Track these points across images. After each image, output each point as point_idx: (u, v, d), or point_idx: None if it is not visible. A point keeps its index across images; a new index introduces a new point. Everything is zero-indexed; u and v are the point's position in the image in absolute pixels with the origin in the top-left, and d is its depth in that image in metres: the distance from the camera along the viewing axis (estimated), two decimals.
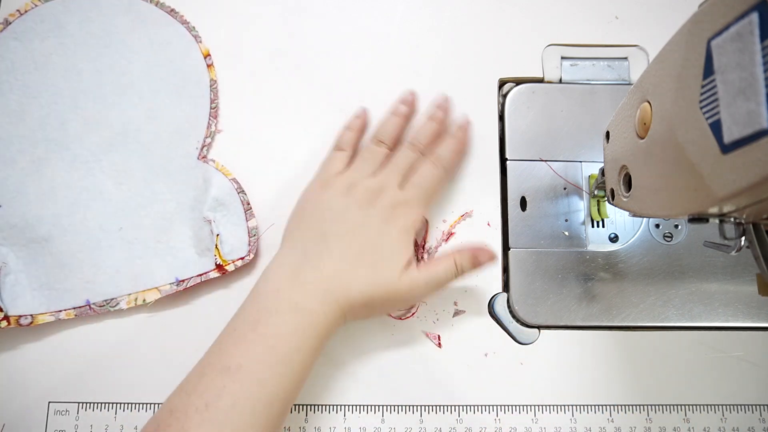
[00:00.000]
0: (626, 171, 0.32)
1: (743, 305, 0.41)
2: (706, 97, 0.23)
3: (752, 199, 0.22)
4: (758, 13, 0.20)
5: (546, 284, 0.41)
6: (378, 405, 0.39)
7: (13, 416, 0.38)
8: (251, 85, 0.45)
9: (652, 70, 0.28)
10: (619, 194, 0.33)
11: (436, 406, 0.39)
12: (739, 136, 0.21)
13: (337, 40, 0.46)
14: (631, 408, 0.39)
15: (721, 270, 0.42)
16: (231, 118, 0.44)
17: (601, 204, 0.42)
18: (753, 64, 0.20)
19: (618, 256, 0.42)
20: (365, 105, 0.43)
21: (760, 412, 0.39)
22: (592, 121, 0.44)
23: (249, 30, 0.46)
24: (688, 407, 0.39)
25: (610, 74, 0.45)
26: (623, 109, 0.32)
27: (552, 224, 0.43)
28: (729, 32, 0.21)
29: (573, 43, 0.45)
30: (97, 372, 0.39)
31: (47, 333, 0.40)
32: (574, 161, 0.43)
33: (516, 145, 0.44)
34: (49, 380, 0.39)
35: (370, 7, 0.46)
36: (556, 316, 0.41)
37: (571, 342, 0.41)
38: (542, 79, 0.45)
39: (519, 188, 0.43)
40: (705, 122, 0.23)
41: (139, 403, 0.39)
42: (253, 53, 0.45)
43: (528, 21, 0.46)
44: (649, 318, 0.41)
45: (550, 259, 0.42)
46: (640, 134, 0.29)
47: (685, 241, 0.42)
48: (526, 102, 0.44)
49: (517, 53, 0.45)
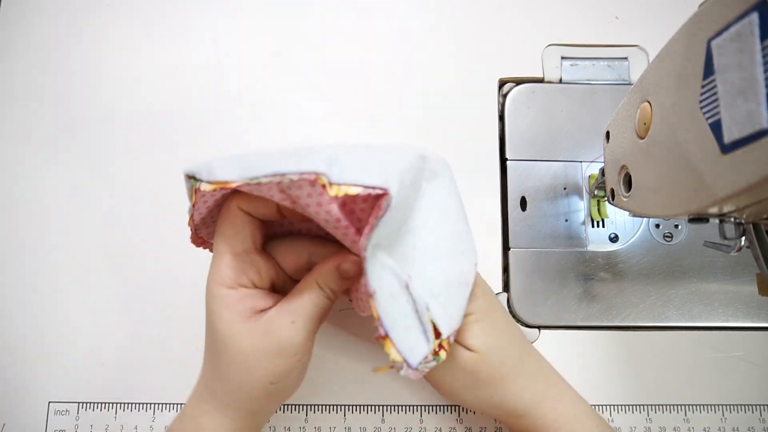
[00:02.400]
0: (626, 171, 0.32)
1: (743, 305, 0.41)
2: (706, 97, 0.23)
3: (752, 199, 0.22)
4: (758, 13, 0.20)
5: (546, 284, 0.41)
6: (378, 405, 0.39)
7: (13, 416, 0.38)
8: (251, 85, 0.44)
9: (652, 70, 0.28)
10: (619, 194, 0.33)
11: (436, 406, 0.39)
12: (739, 136, 0.21)
13: (337, 40, 0.46)
14: (631, 408, 0.39)
15: (721, 270, 0.42)
16: (231, 118, 0.44)
17: (601, 204, 0.42)
18: (753, 64, 0.20)
19: (618, 256, 0.42)
20: (364, 105, 0.43)
21: (760, 412, 0.39)
22: (592, 121, 0.44)
23: (249, 30, 0.46)
24: (688, 407, 0.39)
25: (610, 74, 0.45)
26: (623, 109, 0.32)
27: (552, 224, 0.43)
28: (729, 32, 0.21)
29: (573, 43, 0.45)
30: (97, 372, 0.39)
31: (47, 333, 0.40)
32: (574, 161, 0.43)
33: (516, 145, 0.44)
34: (49, 380, 0.39)
35: (370, 7, 0.46)
36: (556, 316, 0.41)
37: (571, 342, 0.41)
38: (542, 79, 0.45)
39: (519, 188, 0.43)
40: (705, 122, 0.23)
41: (139, 403, 0.39)
42: (253, 53, 0.45)
43: (528, 21, 0.46)
44: (649, 318, 0.41)
45: (550, 259, 0.42)
46: (640, 134, 0.29)
47: (685, 241, 0.42)
48: (526, 102, 0.44)
49: (517, 53, 0.45)
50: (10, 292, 0.41)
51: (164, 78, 0.44)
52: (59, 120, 0.44)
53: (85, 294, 0.41)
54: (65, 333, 0.40)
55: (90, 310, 0.41)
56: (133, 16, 0.45)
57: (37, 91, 0.44)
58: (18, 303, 0.41)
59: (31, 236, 0.42)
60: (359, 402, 0.39)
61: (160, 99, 0.44)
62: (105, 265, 0.41)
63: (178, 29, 0.45)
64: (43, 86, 0.44)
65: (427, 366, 0.28)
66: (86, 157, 0.43)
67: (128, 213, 0.42)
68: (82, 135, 0.43)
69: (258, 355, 0.28)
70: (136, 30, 0.45)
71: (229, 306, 0.28)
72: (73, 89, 0.44)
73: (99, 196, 0.42)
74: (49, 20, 0.45)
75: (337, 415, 0.39)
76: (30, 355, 0.40)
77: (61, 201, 0.42)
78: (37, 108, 0.44)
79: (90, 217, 0.42)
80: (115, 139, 0.43)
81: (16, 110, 0.44)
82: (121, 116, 0.44)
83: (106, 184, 0.43)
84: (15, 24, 0.45)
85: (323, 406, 0.39)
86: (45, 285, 0.41)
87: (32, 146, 0.43)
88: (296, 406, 0.39)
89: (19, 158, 0.43)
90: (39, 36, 0.45)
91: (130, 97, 0.44)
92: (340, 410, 0.39)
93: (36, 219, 0.42)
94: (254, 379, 0.28)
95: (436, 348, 0.28)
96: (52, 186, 0.42)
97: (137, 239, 0.42)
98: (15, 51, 0.45)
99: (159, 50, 0.45)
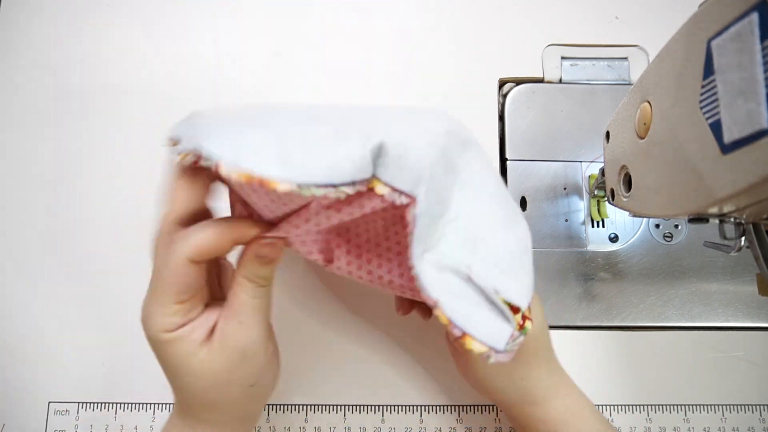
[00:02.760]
0: (626, 171, 0.32)
1: (743, 305, 0.41)
2: (706, 97, 0.23)
3: (752, 199, 0.22)
4: (758, 13, 0.20)
5: (546, 284, 0.41)
6: (378, 405, 0.39)
7: (13, 416, 0.38)
8: (251, 85, 0.45)
9: (652, 70, 0.28)
10: (619, 194, 0.33)
11: (436, 406, 0.39)
12: (739, 136, 0.21)
13: (337, 40, 0.46)
14: (631, 408, 0.39)
15: (721, 270, 0.42)
16: None
17: (601, 204, 0.42)
18: (753, 65, 0.20)
19: (618, 256, 0.42)
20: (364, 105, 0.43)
21: (760, 412, 0.39)
22: (592, 121, 0.44)
23: (249, 30, 0.46)
24: (688, 407, 0.39)
25: (610, 74, 0.45)
26: (623, 109, 0.32)
27: (552, 224, 0.43)
28: (729, 32, 0.21)
29: (573, 43, 0.45)
30: (97, 372, 0.39)
31: (47, 333, 0.40)
32: (574, 161, 0.43)
33: (516, 145, 0.44)
34: (49, 380, 0.39)
35: (370, 7, 0.46)
36: (556, 316, 0.41)
37: (571, 342, 0.41)
38: (542, 79, 0.45)
39: (519, 188, 0.43)
40: (705, 122, 0.23)
41: (139, 403, 0.39)
42: (253, 53, 0.45)
43: (528, 21, 0.46)
44: (649, 318, 0.41)
45: (550, 259, 0.42)
46: (640, 134, 0.29)
47: (685, 241, 0.42)
48: (526, 102, 0.44)
49: (517, 53, 0.45)
50: (10, 292, 0.41)
51: (164, 78, 0.44)
52: (59, 120, 0.44)
53: (86, 294, 0.41)
54: (65, 333, 0.40)
55: (90, 310, 0.40)
56: (133, 16, 0.45)
57: (37, 91, 0.44)
58: (18, 303, 0.41)
59: (30, 237, 0.42)
60: (359, 402, 0.39)
61: (159, 99, 0.44)
62: (105, 265, 0.41)
63: (178, 29, 0.45)
64: (43, 86, 0.44)
65: (516, 343, 0.27)
66: (86, 156, 0.43)
67: (129, 214, 0.42)
68: (82, 135, 0.43)
69: (227, 371, 0.27)
70: (136, 30, 0.45)
71: (180, 345, 0.27)
72: (73, 89, 0.44)
73: (100, 198, 0.42)
74: (49, 20, 0.45)
75: (337, 415, 0.39)
76: (30, 355, 0.40)
77: (61, 201, 0.42)
78: (37, 108, 0.44)
79: (90, 217, 0.42)
80: (115, 139, 0.43)
81: (16, 110, 0.44)
82: (121, 116, 0.44)
83: (106, 185, 0.42)
84: (15, 24, 0.45)
85: (323, 406, 0.39)
86: (45, 285, 0.41)
87: (32, 145, 0.43)
88: (296, 406, 0.39)
89: (19, 158, 0.43)
90: (39, 36, 0.45)
91: (130, 97, 0.44)
92: (340, 410, 0.39)
93: (36, 220, 0.42)
94: (233, 392, 0.28)
95: (520, 322, 0.28)
96: (53, 186, 0.42)
97: (138, 239, 0.42)
98: (15, 51, 0.45)
99: (159, 50, 0.45)
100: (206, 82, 0.44)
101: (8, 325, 0.40)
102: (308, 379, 0.40)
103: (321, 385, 0.39)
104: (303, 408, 0.39)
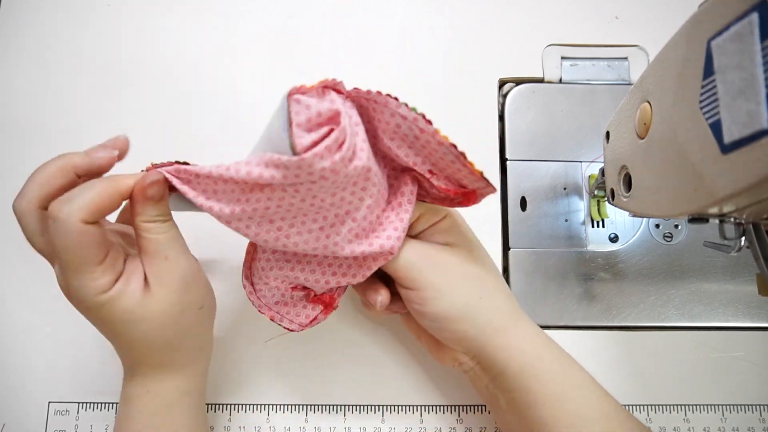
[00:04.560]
0: (626, 171, 0.32)
1: (743, 305, 0.41)
2: (706, 97, 0.23)
3: (752, 199, 0.22)
4: (758, 13, 0.20)
5: (546, 284, 0.41)
6: (378, 405, 0.39)
7: (13, 416, 0.38)
8: (250, 85, 0.45)
9: (653, 70, 0.28)
10: (619, 194, 0.33)
11: (436, 406, 0.39)
12: (739, 136, 0.21)
13: (337, 40, 0.46)
14: (632, 408, 0.39)
15: (721, 270, 0.42)
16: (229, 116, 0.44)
17: (601, 204, 0.42)
18: (753, 65, 0.20)
19: (618, 256, 0.42)
20: None
21: (760, 412, 0.39)
22: (592, 121, 0.44)
23: (249, 30, 0.46)
24: (688, 407, 0.39)
25: (610, 74, 0.45)
26: (623, 109, 0.32)
27: (552, 224, 0.43)
28: (729, 32, 0.21)
29: (573, 43, 0.45)
30: (97, 372, 0.39)
31: (47, 333, 0.40)
32: (574, 161, 0.43)
33: (516, 145, 0.44)
34: (49, 380, 0.39)
35: (370, 7, 0.46)
36: (556, 316, 0.41)
37: (571, 342, 0.40)
38: (542, 79, 0.45)
39: (519, 188, 0.43)
40: (705, 122, 0.23)
41: None
42: (253, 53, 0.45)
43: (528, 21, 0.46)
44: (649, 318, 0.41)
45: (550, 259, 0.42)
46: (640, 134, 0.29)
47: (685, 241, 0.42)
48: (526, 102, 0.44)
49: (517, 53, 0.45)
50: (10, 292, 0.41)
51: (164, 78, 0.44)
52: (60, 120, 0.44)
53: None
54: (65, 333, 0.40)
55: None
56: (133, 16, 0.45)
57: (37, 90, 0.44)
58: (18, 303, 0.41)
59: None
60: (359, 402, 0.39)
61: (159, 99, 0.44)
62: None
63: (177, 29, 0.45)
64: (43, 86, 0.44)
65: None
66: None
67: None
68: (82, 135, 0.43)
69: (177, 302, 0.29)
70: (135, 30, 0.45)
71: (123, 299, 0.28)
72: (72, 89, 0.44)
73: None
74: (49, 20, 0.45)
75: (337, 415, 0.39)
76: (30, 355, 0.40)
77: None
78: (38, 107, 0.44)
79: None
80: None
81: (16, 110, 0.44)
82: (121, 116, 0.44)
83: None
84: (15, 24, 0.45)
85: (323, 406, 0.39)
86: (45, 285, 0.41)
87: (32, 146, 0.43)
88: (296, 406, 0.39)
89: (19, 159, 0.43)
90: (39, 36, 0.45)
91: (129, 97, 0.44)
92: (340, 410, 0.39)
93: None
94: (187, 320, 0.30)
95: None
96: None
97: None
98: (15, 50, 0.45)
99: (159, 50, 0.45)
100: (206, 82, 0.44)
101: (8, 325, 0.40)
102: (308, 379, 0.40)
103: (321, 385, 0.39)
104: (303, 408, 0.39)
